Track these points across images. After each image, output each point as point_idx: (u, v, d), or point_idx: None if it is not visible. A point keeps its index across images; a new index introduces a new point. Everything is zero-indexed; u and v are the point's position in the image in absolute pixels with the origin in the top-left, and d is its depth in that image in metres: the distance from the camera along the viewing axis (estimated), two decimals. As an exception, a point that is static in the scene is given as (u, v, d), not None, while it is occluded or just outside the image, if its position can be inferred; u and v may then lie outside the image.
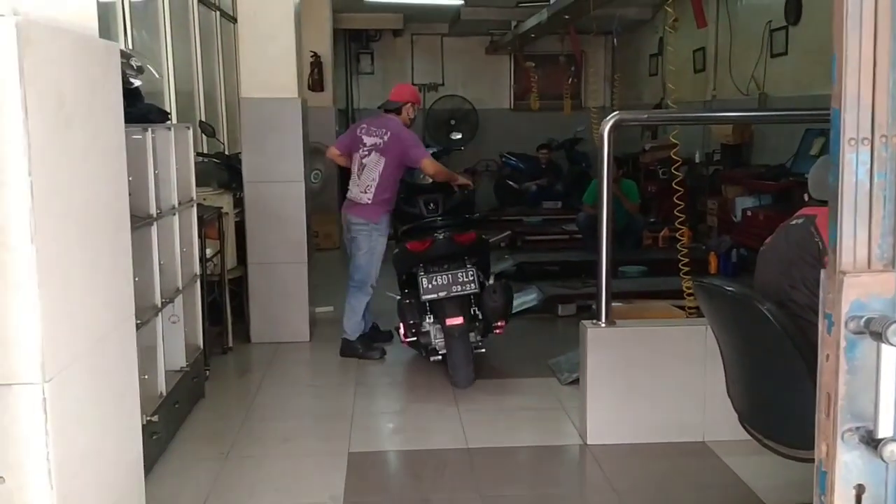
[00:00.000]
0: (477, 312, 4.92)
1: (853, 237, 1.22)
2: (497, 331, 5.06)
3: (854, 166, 1.21)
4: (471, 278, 4.82)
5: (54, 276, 1.55)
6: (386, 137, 5.26)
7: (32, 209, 1.39)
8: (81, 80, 1.59)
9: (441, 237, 4.91)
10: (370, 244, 5.30)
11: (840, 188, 1.21)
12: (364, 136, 5.33)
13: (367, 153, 5.28)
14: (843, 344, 1.21)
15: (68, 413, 1.75)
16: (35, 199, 1.39)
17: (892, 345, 1.15)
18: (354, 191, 5.35)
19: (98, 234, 1.76)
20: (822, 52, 7.35)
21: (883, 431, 1.17)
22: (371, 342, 5.53)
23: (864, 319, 1.20)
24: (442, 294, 4.80)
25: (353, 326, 5.44)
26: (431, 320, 4.91)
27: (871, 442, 1.19)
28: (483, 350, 5.05)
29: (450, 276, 4.82)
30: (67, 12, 1.62)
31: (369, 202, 5.27)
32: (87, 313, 1.74)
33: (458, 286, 4.81)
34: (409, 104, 5.40)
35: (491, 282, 5.13)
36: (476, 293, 4.86)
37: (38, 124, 1.40)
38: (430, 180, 5.35)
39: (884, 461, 1.19)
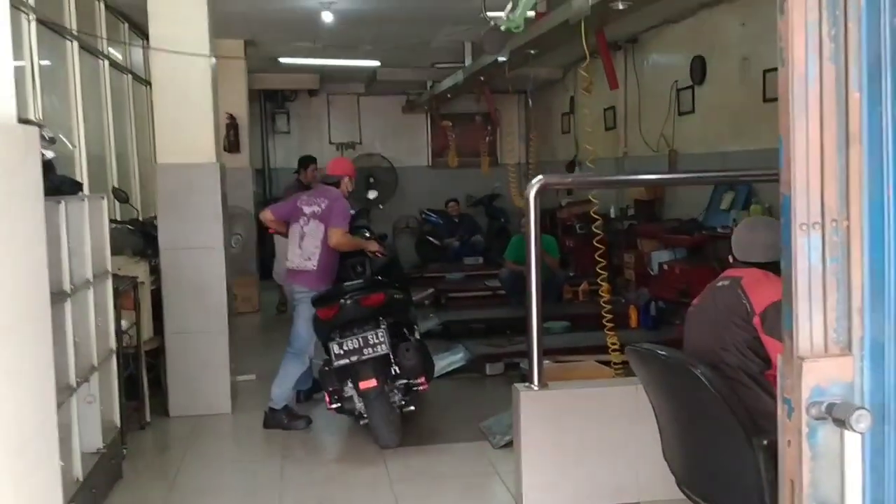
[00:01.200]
0: (397, 371, 4.91)
1: (809, 322, 1.22)
2: (421, 388, 5.03)
3: (807, 251, 1.21)
4: (381, 339, 4.80)
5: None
6: (324, 205, 5.35)
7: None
8: (-1, 170, 1.49)
9: (347, 302, 4.90)
10: (311, 311, 5.18)
11: (793, 273, 1.22)
12: (304, 207, 5.41)
13: (306, 221, 5.36)
14: (804, 430, 1.20)
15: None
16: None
17: (856, 432, 1.15)
18: (297, 260, 5.37)
19: (17, 330, 1.63)
20: (726, 109, 7.67)
21: (851, 520, 1.16)
22: (306, 401, 5.59)
23: (825, 405, 1.19)
24: (353, 358, 4.77)
25: (281, 394, 5.28)
26: (351, 385, 4.87)
27: (839, 529, 1.18)
28: (412, 408, 5.02)
29: (360, 339, 4.80)
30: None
31: (314, 269, 5.30)
32: (4, 420, 1.61)
33: (370, 349, 4.79)
34: (347, 178, 5.57)
35: (417, 337, 5.20)
36: (391, 353, 4.84)
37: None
38: None
39: (852, 549, 1.17)
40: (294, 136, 13.46)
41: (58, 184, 3.63)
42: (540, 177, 3.95)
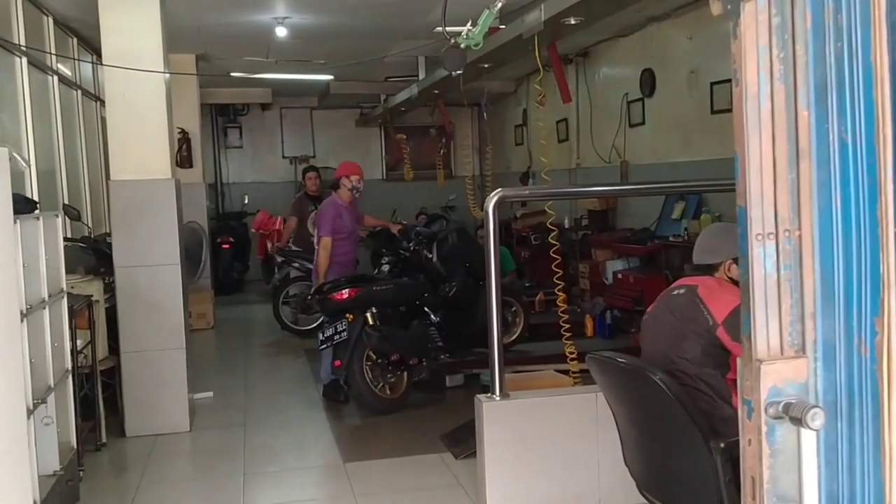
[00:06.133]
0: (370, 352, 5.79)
1: (766, 326, 1.29)
2: (411, 362, 5.92)
3: (762, 259, 1.28)
4: (342, 329, 5.72)
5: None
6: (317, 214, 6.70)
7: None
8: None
9: (320, 298, 5.92)
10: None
11: (751, 281, 1.28)
12: None
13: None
14: (763, 429, 1.27)
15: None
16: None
17: (811, 429, 1.21)
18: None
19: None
20: (675, 121, 7.85)
21: (809, 513, 1.23)
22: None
23: (782, 404, 1.26)
24: (329, 344, 5.78)
25: (324, 374, 6.20)
26: None
27: (797, 523, 1.24)
28: (420, 376, 6.07)
29: (333, 328, 5.77)
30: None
31: (313, 268, 6.45)
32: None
33: (337, 335, 5.74)
34: (344, 177, 6.41)
35: (432, 320, 6.36)
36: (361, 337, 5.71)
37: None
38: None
39: (810, 541, 1.24)
40: (247, 150, 13.40)
41: (13, 202, 3.57)
42: (499, 190, 4.00)
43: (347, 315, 5.75)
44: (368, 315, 5.78)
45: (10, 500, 1.80)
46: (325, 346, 5.79)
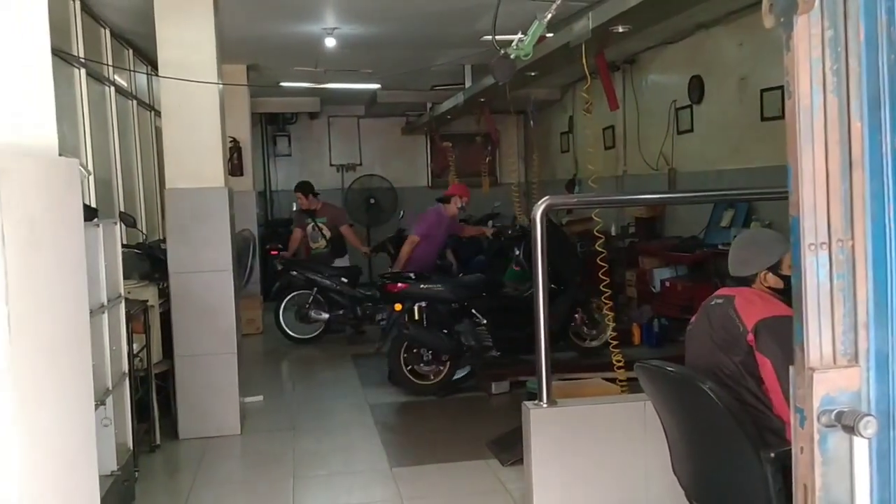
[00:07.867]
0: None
1: (818, 335, 1.30)
2: (443, 358, 6.45)
3: (815, 269, 1.29)
4: (383, 317, 6.90)
5: (27, 409, 1.46)
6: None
7: (10, 341, 1.33)
8: (47, 203, 1.56)
9: (380, 284, 6.82)
10: None
11: (804, 290, 1.30)
12: None
13: None
14: (816, 437, 1.28)
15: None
16: (11, 330, 1.33)
17: (864, 437, 1.22)
18: None
19: (63, 356, 1.70)
20: (725, 128, 7.78)
21: (861, 521, 1.24)
22: None
23: (834, 413, 1.27)
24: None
25: None
26: None
27: (850, 531, 1.25)
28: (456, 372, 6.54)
29: (382, 314, 6.93)
30: (27, 133, 1.59)
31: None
32: (55, 447, 1.66)
33: (383, 321, 6.93)
34: (456, 196, 7.43)
35: (478, 321, 6.67)
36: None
37: (13, 253, 1.35)
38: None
39: (863, 549, 1.25)
40: (295, 158, 13.58)
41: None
42: (546, 198, 4.01)
43: (396, 305, 6.43)
44: (416, 308, 6.40)
45: (81, 499, 1.88)
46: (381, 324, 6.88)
